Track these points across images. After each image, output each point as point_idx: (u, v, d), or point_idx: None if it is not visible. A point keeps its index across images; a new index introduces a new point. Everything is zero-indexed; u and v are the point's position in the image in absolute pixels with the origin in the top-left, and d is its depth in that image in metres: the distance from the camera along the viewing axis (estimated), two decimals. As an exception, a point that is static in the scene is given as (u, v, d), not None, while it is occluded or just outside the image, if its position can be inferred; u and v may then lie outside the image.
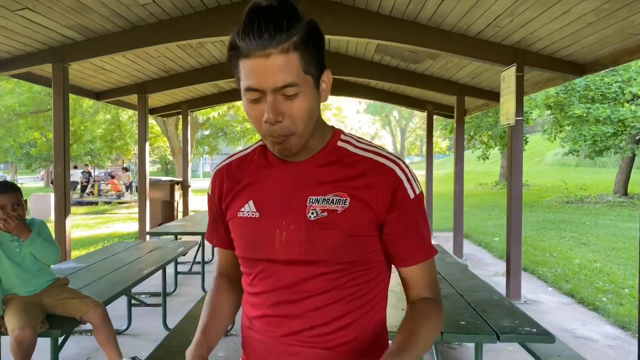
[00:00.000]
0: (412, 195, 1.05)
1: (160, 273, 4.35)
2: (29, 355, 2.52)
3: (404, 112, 56.71)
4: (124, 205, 19.17)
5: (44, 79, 6.44)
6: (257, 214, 1.07)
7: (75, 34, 5.08)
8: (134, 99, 8.21)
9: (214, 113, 18.25)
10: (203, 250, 5.96)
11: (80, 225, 12.44)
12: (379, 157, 1.06)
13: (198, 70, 7.54)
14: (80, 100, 16.61)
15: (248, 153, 1.17)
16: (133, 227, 11.62)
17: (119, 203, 20.02)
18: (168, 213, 10.71)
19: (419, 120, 55.18)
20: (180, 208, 10.97)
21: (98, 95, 7.93)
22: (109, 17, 4.78)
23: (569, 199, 16.36)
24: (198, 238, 6.27)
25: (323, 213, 1.02)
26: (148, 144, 8.29)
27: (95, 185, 23.12)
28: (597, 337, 4.41)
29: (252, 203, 1.08)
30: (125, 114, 19.82)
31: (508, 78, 5.23)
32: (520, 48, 5.21)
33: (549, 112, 15.46)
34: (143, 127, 8.13)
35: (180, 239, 6.37)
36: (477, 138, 20.30)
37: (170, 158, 33.92)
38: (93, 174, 25.75)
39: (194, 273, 6.55)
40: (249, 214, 1.08)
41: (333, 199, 1.02)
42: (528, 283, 6.16)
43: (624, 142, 14.67)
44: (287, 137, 0.98)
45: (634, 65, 13.20)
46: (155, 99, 9.16)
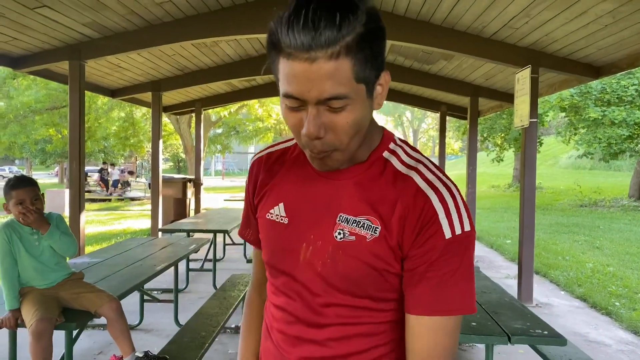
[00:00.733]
0: (447, 234, 0.85)
1: (172, 269, 4.39)
2: (47, 348, 2.54)
3: (417, 112, 56.58)
4: (136, 202, 19.34)
5: (61, 76, 6.52)
6: (285, 220, 0.97)
7: (92, 32, 5.13)
8: (148, 97, 8.28)
9: (225, 112, 18.36)
10: (215, 248, 6.01)
11: (94, 221, 12.58)
12: (420, 178, 0.90)
13: (212, 69, 7.58)
14: (95, 98, 16.76)
15: (289, 146, 1.05)
16: (145, 223, 11.72)
17: (131, 199, 20.20)
18: (180, 210, 10.79)
19: (432, 121, 55.02)
20: (192, 205, 11.03)
21: (113, 93, 8.00)
22: (126, 15, 4.83)
23: (583, 202, 16.21)
24: (210, 236, 6.30)
25: (351, 237, 0.90)
26: (161, 142, 8.35)
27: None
28: (609, 341, 4.37)
29: (282, 206, 0.98)
30: (139, 112, 19.98)
31: (522, 79, 5.20)
32: (536, 49, 5.17)
33: (564, 114, 15.33)
34: (157, 124, 8.20)
35: (193, 236, 6.43)
36: (490, 140, 20.18)
37: (183, 156, 34.30)
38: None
39: (206, 270, 6.60)
40: (278, 218, 0.98)
41: (364, 223, 0.89)
42: (540, 286, 6.11)
43: (640, 145, 14.53)
44: (328, 152, 0.85)
45: (651, 68, 13.05)
46: (169, 97, 9.23)
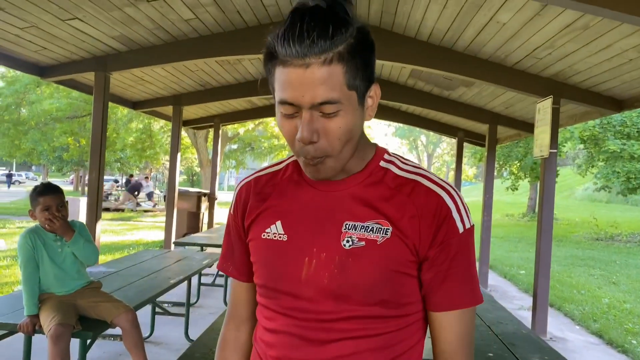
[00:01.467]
0: (461, 229, 0.91)
1: (185, 283, 4.39)
2: (65, 352, 2.54)
3: (432, 137, 56.57)
4: (149, 214, 19.45)
5: (85, 86, 6.64)
6: (284, 237, 0.94)
7: (120, 45, 5.24)
8: (169, 110, 8.39)
9: (242, 129, 18.52)
10: (227, 263, 6.00)
11: (107, 231, 12.66)
12: (427, 180, 0.93)
13: (233, 86, 7.67)
14: (115, 109, 17.01)
15: (280, 169, 1.04)
16: (157, 235, 11.77)
17: (144, 211, 20.31)
18: (193, 224, 10.83)
19: (447, 146, 54.91)
20: (206, 219, 11.07)
21: (135, 105, 8.12)
22: (153, 29, 4.93)
23: (599, 236, 15.96)
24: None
25: (360, 242, 0.89)
26: (179, 155, 8.43)
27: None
28: (626, 380, 4.27)
29: (279, 224, 0.96)
30: (157, 124, 20.21)
31: (544, 110, 5.18)
32: (558, 80, 5.16)
33: (582, 146, 15.22)
34: (176, 138, 8.29)
35: (206, 250, 6.43)
36: (506, 168, 20.06)
37: (197, 170, 34.52)
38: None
39: (217, 285, 6.59)
40: (276, 236, 0.95)
41: (373, 227, 0.90)
42: (554, 319, 6.01)
43: (659, 180, 14.33)
44: (321, 159, 0.87)
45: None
46: (189, 111, 9.34)
